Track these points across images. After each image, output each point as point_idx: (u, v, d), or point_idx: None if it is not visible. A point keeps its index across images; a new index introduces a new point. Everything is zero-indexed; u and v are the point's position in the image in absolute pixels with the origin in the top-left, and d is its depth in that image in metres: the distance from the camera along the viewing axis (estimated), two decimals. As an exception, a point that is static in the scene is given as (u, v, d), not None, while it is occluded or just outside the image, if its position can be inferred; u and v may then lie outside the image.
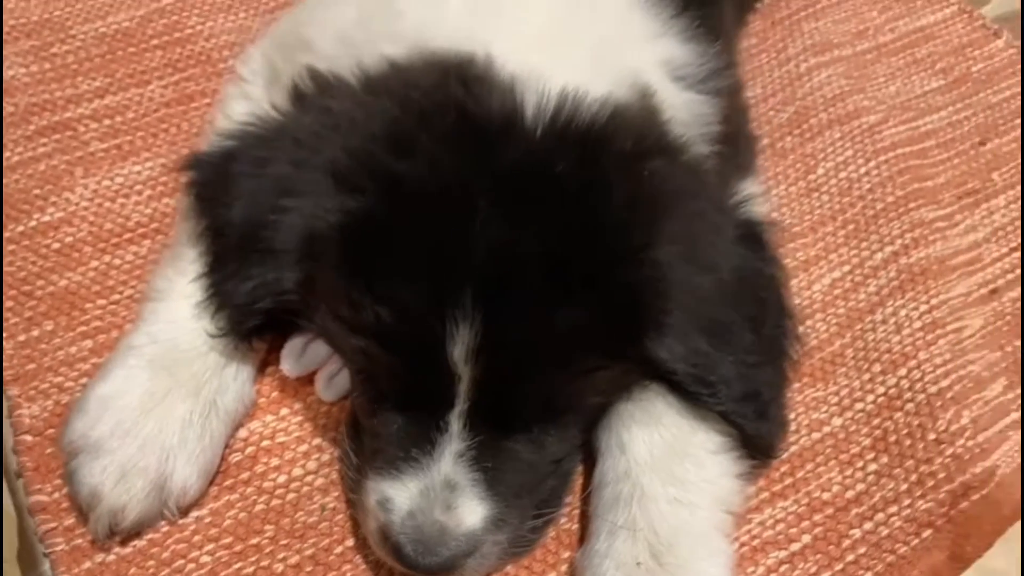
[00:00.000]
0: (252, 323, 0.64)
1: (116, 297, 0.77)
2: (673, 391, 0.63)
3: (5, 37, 0.93)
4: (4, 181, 0.83)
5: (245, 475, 0.67)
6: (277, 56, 0.76)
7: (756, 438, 0.63)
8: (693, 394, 0.62)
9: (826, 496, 0.67)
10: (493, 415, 0.58)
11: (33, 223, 0.80)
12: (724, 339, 0.63)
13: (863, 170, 0.87)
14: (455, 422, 0.58)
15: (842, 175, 0.87)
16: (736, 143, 0.73)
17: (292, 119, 0.65)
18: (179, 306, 0.69)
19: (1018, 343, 0.77)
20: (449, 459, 0.58)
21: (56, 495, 0.64)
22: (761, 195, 0.77)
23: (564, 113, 0.59)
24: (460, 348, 0.55)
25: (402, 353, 0.57)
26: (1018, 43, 1.00)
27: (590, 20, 0.67)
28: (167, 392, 0.64)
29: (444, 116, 0.58)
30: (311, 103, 0.65)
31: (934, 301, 0.77)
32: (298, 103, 0.66)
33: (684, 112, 0.68)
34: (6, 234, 0.80)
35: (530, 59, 0.62)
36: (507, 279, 0.55)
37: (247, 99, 0.78)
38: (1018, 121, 0.94)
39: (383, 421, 0.60)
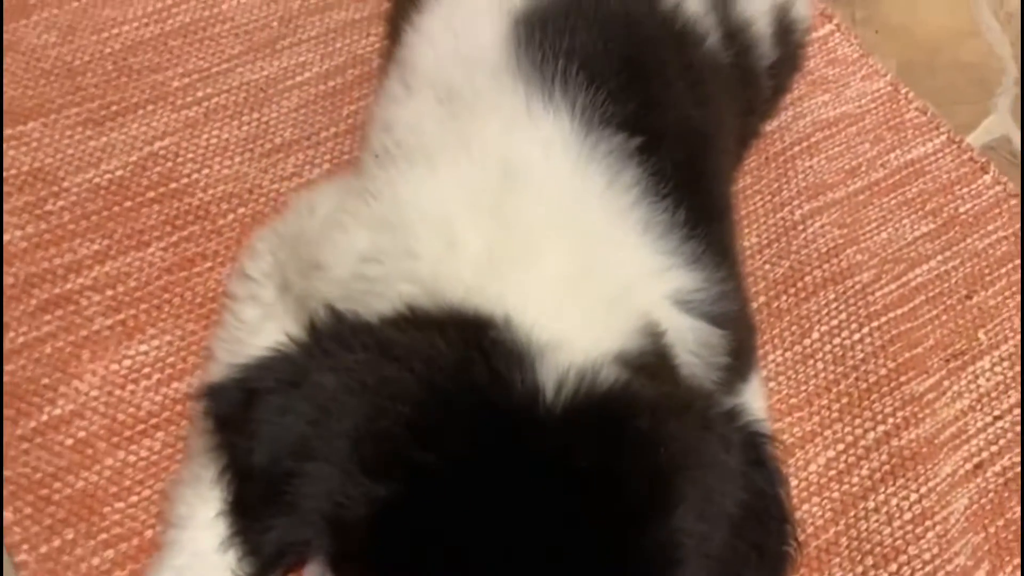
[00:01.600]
0: (278, 571, 0.67)
1: (134, 499, 0.79)
2: None
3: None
4: (11, 368, 0.84)
5: None
6: (289, 264, 0.77)
7: None
8: None
9: None
10: None
11: (45, 417, 0.82)
12: (731, 573, 0.67)
13: (856, 336, 0.90)
14: None
15: (835, 341, 0.90)
16: (741, 355, 0.76)
17: (313, 366, 0.67)
18: (202, 537, 0.71)
19: (1000, 522, 0.83)
20: None
21: None
22: (761, 398, 0.80)
23: (582, 391, 0.61)
24: None
25: None
26: (1004, 180, 1.03)
27: (604, 267, 0.69)
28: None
29: (467, 402, 0.61)
30: (330, 351, 0.67)
31: (923, 489, 0.82)
32: (317, 345, 0.68)
33: (692, 342, 0.71)
34: (17, 431, 0.81)
35: (547, 316, 0.64)
36: None
37: (258, 303, 0.79)
38: (1003, 270, 0.97)
39: None
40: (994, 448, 0.87)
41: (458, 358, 0.64)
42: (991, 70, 1.14)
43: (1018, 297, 0.96)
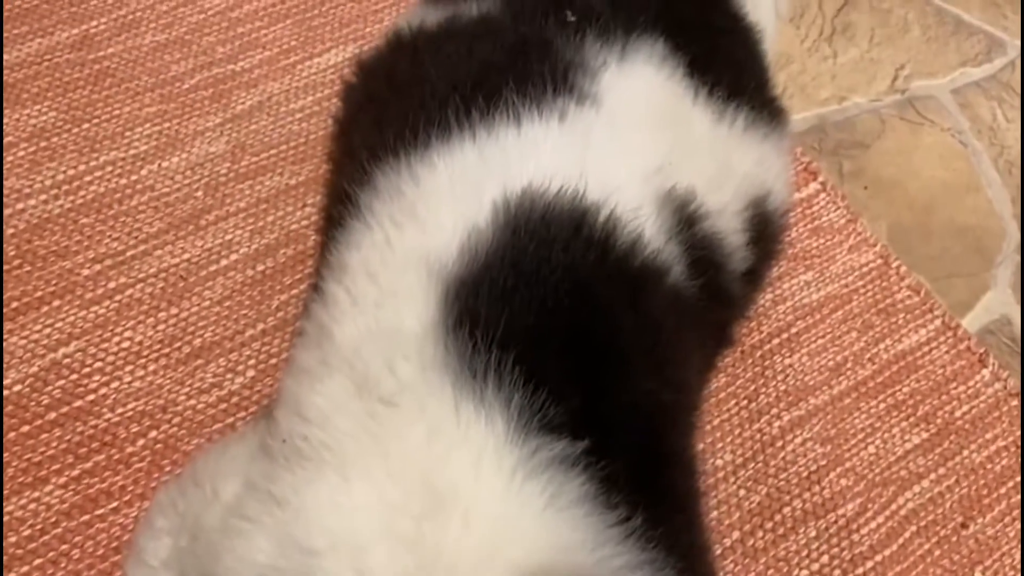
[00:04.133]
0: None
1: None
2: None
3: None
4: None
5: None
6: (188, 561, 0.68)
7: None
8: None
9: None
10: None
11: None
12: None
13: (840, 586, 0.82)
14: None
15: (817, 591, 0.82)
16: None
17: None
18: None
19: None
20: None
21: None
22: None
23: None
24: None
25: None
26: (1005, 375, 0.94)
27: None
28: None
29: None
30: None
31: None
32: None
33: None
34: None
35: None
36: None
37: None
38: (1003, 490, 0.89)
39: None
40: None
41: None
42: (990, 234, 1.05)
43: (1018, 524, 0.87)
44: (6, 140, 1.01)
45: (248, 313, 0.93)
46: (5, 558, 0.79)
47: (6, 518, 0.81)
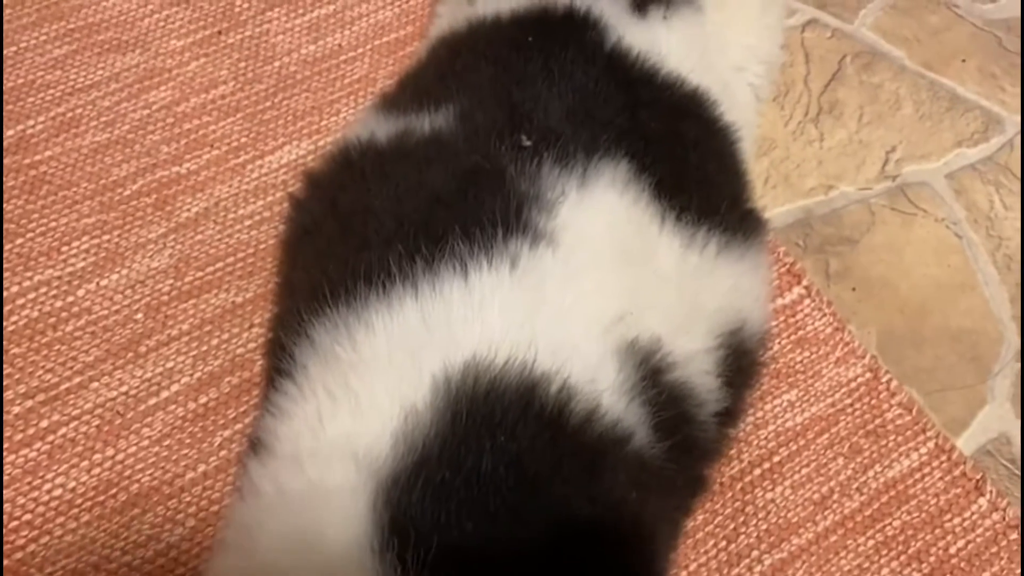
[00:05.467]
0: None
1: None
2: None
3: None
4: None
5: None
6: None
7: None
8: None
9: None
10: None
11: None
12: None
13: None
14: None
15: None
16: None
17: None
18: None
19: None
20: None
21: None
22: None
23: None
24: None
25: None
26: (1003, 504, 0.88)
27: None
28: None
29: None
30: None
31: None
32: None
33: None
34: None
35: None
36: None
37: None
38: (1002, 640, 0.83)
39: None
40: None
41: None
42: (987, 339, 0.98)
43: None
44: (-67, 260, 0.96)
45: (189, 453, 0.87)
46: None
47: None
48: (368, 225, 0.78)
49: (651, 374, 0.72)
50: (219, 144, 1.05)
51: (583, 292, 0.72)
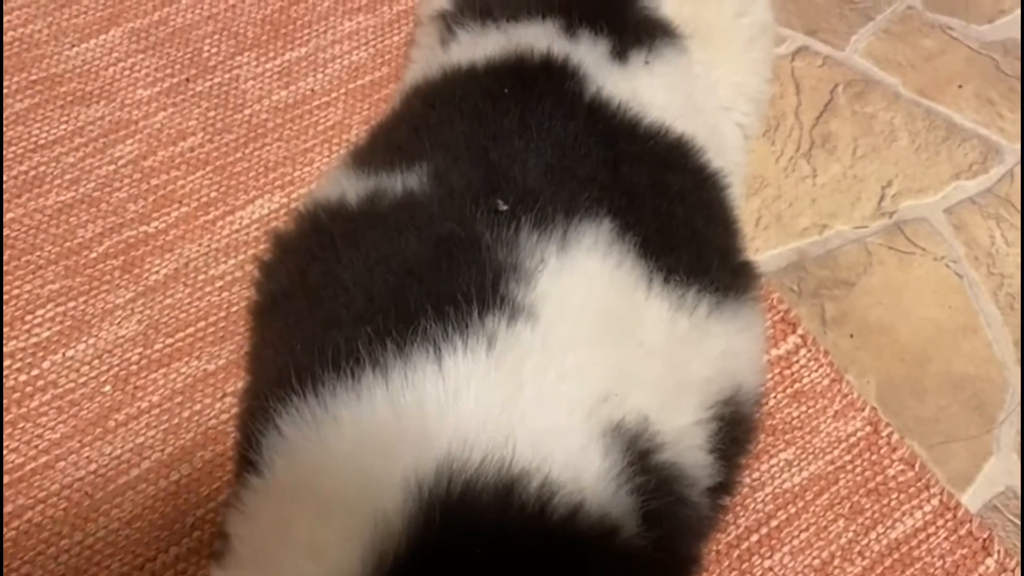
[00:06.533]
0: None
1: None
2: None
3: None
4: None
5: None
6: None
7: None
8: None
9: None
10: None
11: None
12: None
13: None
14: None
15: None
16: None
17: None
18: None
19: None
20: None
21: None
22: None
23: None
24: None
25: None
26: (1012, 565, 0.84)
27: None
28: None
29: None
30: None
31: None
32: None
33: None
34: None
35: None
36: None
37: None
38: None
39: None
40: None
41: None
42: (992, 385, 0.95)
43: None
44: None
45: (160, 535, 0.83)
46: None
47: None
48: (337, 299, 0.74)
49: (639, 458, 0.68)
50: (188, 200, 1.02)
51: (564, 372, 0.69)
